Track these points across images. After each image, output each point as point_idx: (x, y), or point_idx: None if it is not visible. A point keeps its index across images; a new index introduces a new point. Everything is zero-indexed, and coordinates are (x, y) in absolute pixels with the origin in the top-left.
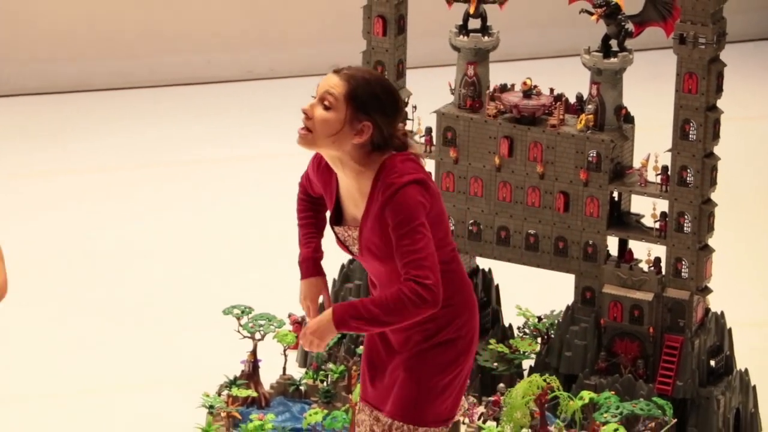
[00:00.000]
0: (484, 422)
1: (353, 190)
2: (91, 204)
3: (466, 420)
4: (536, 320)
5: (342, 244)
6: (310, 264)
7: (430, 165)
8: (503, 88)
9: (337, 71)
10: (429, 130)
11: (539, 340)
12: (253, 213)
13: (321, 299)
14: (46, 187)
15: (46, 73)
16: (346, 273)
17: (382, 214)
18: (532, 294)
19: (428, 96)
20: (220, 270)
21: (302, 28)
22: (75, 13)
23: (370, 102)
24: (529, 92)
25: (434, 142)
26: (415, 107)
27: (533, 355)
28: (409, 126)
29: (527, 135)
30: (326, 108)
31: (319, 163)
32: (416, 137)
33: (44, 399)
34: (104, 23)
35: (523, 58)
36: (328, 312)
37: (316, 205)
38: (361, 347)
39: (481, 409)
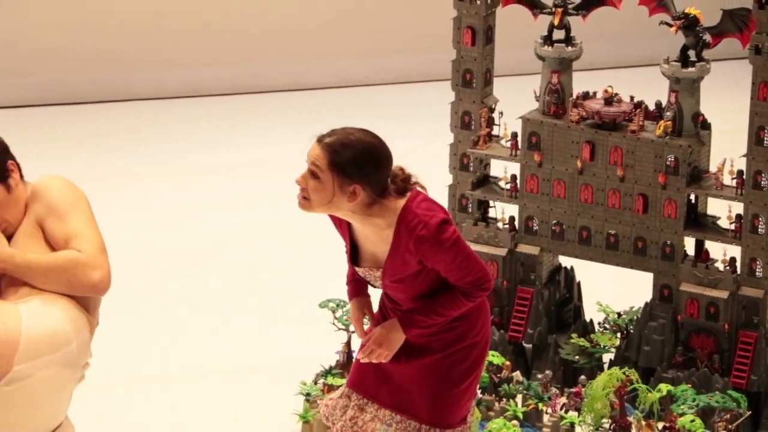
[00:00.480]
0: (566, 412)
1: (370, 235)
2: (195, 200)
3: (549, 410)
4: (616, 316)
5: (363, 279)
6: (353, 285)
7: (515, 168)
8: (586, 96)
9: (319, 140)
10: (515, 135)
11: (619, 335)
12: None
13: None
14: (159, 184)
15: (159, 79)
16: None
17: (410, 257)
18: (612, 291)
19: (514, 103)
20: (317, 265)
21: (396, 38)
22: (186, 23)
23: (352, 168)
24: (610, 99)
25: (519, 147)
26: (501, 113)
27: (613, 349)
28: (495, 131)
29: (608, 140)
30: (315, 178)
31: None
32: (502, 142)
33: (151, 384)
34: (212, 33)
35: (604, 67)
36: (389, 323)
37: None
38: None
39: (563, 399)
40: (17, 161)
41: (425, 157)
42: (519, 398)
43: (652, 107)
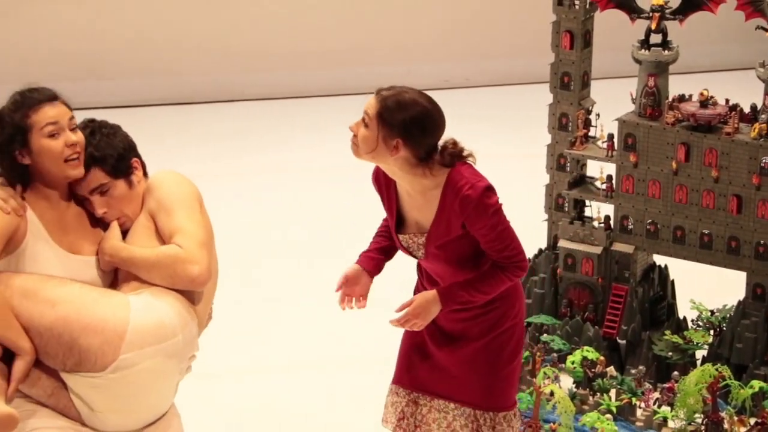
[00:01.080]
0: (659, 407)
1: (416, 196)
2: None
3: (642, 405)
4: (709, 314)
5: (406, 249)
6: (364, 256)
7: (610, 168)
8: (681, 98)
9: (378, 92)
10: (611, 136)
11: (711, 332)
12: None
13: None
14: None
15: (267, 81)
16: (531, 267)
17: (455, 219)
18: (706, 289)
19: (611, 105)
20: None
21: (496, 42)
22: (295, 29)
23: (397, 124)
24: (705, 102)
25: (615, 148)
26: (598, 115)
27: (706, 346)
28: (592, 132)
29: (703, 142)
30: (365, 126)
31: (377, 177)
32: (599, 143)
33: (259, 373)
34: (319, 39)
35: (700, 70)
36: (429, 294)
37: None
38: (545, 335)
39: (657, 394)
40: (142, 159)
41: (523, 157)
42: (613, 393)
43: (747, 110)
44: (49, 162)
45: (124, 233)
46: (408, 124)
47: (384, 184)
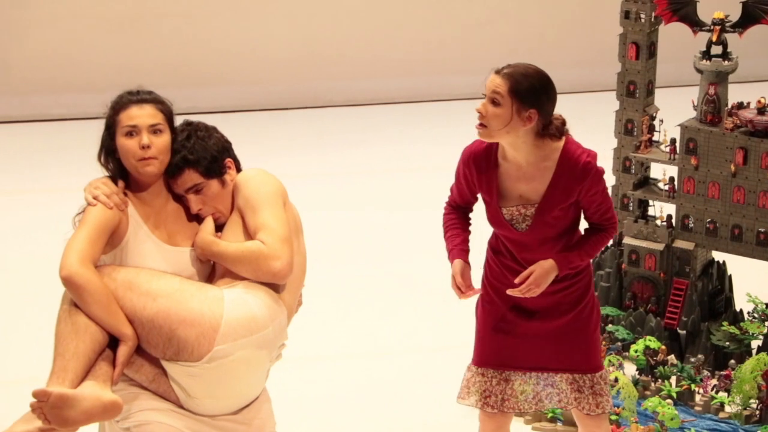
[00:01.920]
0: (717, 393)
1: (529, 170)
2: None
3: (701, 391)
4: (764, 306)
5: (505, 224)
6: (459, 251)
7: (672, 171)
8: (740, 106)
9: (498, 72)
10: (673, 141)
11: (766, 323)
12: None
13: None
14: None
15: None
16: (597, 262)
17: (573, 186)
18: (761, 284)
19: (674, 111)
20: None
21: (567, 52)
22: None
23: (531, 93)
24: (763, 110)
25: (678, 151)
26: (662, 121)
27: (761, 337)
28: (655, 137)
29: (760, 146)
30: (495, 105)
31: (473, 159)
32: (662, 147)
33: (342, 359)
34: (405, 48)
35: (758, 80)
36: (546, 262)
37: (462, 213)
38: (610, 325)
39: (714, 381)
40: (236, 157)
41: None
42: (673, 379)
43: None
44: (125, 160)
45: (219, 227)
46: (540, 93)
47: (482, 165)
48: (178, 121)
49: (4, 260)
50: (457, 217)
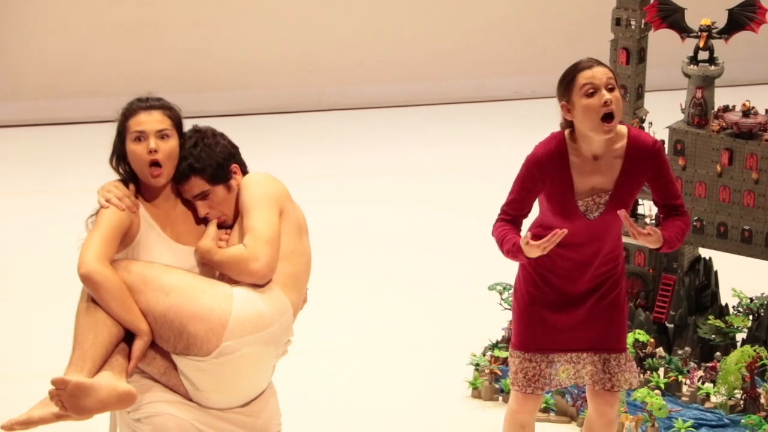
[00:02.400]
0: (703, 383)
1: (602, 161)
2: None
3: (687, 382)
4: (748, 301)
5: (578, 215)
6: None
7: None
8: (726, 109)
9: (592, 65)
10: (662, 142)
11: (750, 317)
12: None
13: None
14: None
15: (356, 93)
16: None
17: (644, 170)
18: (746, 279)
19: (662, 114)
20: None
21: (560, 57)
22: (379, 46)
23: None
24: (747, 112)
25: (666, 152)
26: (651, 123)
27: (745, 330)
28: None
29: (745, 147)
30: (613, 90)
31: (548, 160)
32: None
33: (345, 351)
34: (409, 54)
35: (743, 84)
36: (657, 231)
37: (516, 225)
38: None
39: (700, 373)
40: (243, 162)
41: None
42: (661, 371)
43: None
44: (134, 165)
45: (227, 227)
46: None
47: (555, 164)
48: (188, 125)
49: (16, 258)
50: (511, 228)
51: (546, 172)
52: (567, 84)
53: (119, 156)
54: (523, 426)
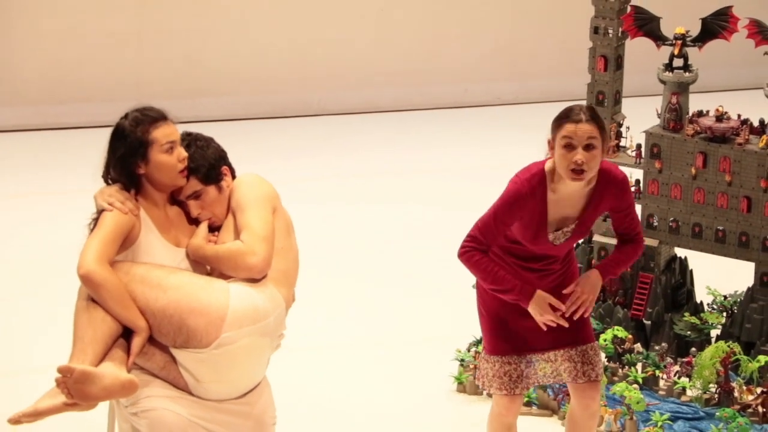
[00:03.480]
0: (679, 378)
1: (578, 195)
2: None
3: (664, 376)
4: (722, 298)
5: (547, 245)
6: (525, 286)
7: (638, 174)
8: (700, 114)
9: (578, 120)
10: (639, 146)
11: (724, 314)
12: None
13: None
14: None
15: (344, 98)
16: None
17: (608, 201)
18: (720, 278)
19: (639, 119)
20: None
21: (540, 65)
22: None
23: (606, 130)
24: (720, 117)
25: (643, 156)
26: (628, 128)
27: (719, 326)
28: (623, 143)
29: (718, 151)
30: (591, 149)
31: (530, 196)
32: (628, 152)
33: (331, 348)
34: (394, 61)
35: (717, 90)
36: (591, 273)
37: (489, 255)
38: None
39: (677, 368)
40: (231, 165)
41: None
42: (639, 366)
43: (756, 124)
44: (163, 173)
45: (216, 229)
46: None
47: (536, 202)
48: (180, 130)
49: (18, 256)
50: (491, 261)
51: (525, 209)
52: (554, 126)
53: (125, 165)
54: (510, 428)
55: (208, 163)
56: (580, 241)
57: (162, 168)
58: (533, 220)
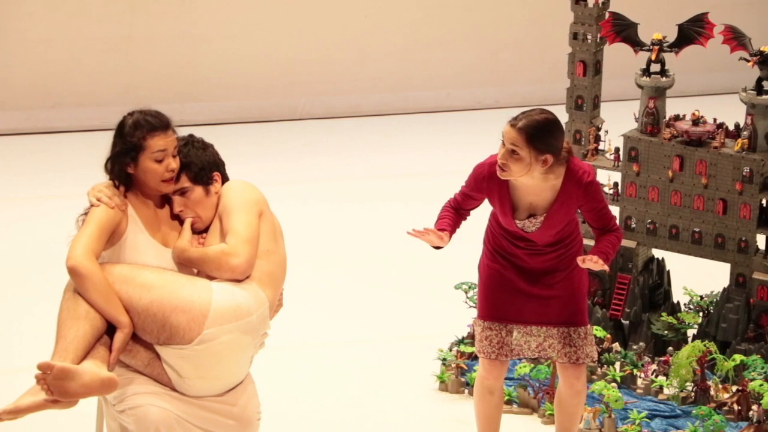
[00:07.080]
0: (656, 377)
1: (540, 188)
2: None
3: (642, 375)
4: (699, 298)
5: (516, 229)
6: (441, 223)
7: (617, 176)
8: (677, 118)
9: (513, 125)
10: (617, 150)
11: (701, 314)
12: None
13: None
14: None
15: (329, 103)
16: None
17: (576, 200)
18: (696, 278)
19: (617, 123)
20: (453, 255)
21: (520, 70)
22: (351, 61)
23: (545, 142)
24: (697, 121)
25: (621, 159)
26: (606, 132)
27: (696, 326)
28: (601, 146)
29: (695, 154)
30: (515, 154)
31: (487, 180)
32: (607, 155)
33: (314, 347)
34: (378, 66)
35: (693, 94)
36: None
37: (459, 211)
38: None
39: (654, 366)
40: (225, 174)
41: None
42: (617, 365)
43: (731, 128)
44: (149, 178)
45: (202, 232)
46: (553, 139)
47: (494, 184)
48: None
49: (13, 258)
50: (452, 214)
51: (484, 190)
52: None
53: (121, 164)
54: (492, 391)
55: (201, 163)
56: None
57: (147, 174)
58: (498, 202)
